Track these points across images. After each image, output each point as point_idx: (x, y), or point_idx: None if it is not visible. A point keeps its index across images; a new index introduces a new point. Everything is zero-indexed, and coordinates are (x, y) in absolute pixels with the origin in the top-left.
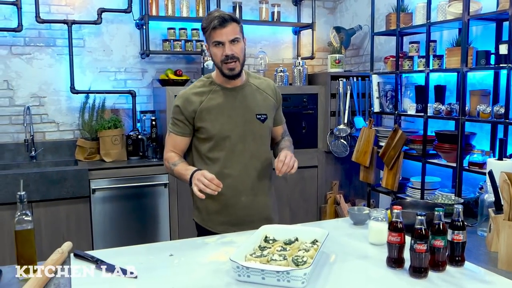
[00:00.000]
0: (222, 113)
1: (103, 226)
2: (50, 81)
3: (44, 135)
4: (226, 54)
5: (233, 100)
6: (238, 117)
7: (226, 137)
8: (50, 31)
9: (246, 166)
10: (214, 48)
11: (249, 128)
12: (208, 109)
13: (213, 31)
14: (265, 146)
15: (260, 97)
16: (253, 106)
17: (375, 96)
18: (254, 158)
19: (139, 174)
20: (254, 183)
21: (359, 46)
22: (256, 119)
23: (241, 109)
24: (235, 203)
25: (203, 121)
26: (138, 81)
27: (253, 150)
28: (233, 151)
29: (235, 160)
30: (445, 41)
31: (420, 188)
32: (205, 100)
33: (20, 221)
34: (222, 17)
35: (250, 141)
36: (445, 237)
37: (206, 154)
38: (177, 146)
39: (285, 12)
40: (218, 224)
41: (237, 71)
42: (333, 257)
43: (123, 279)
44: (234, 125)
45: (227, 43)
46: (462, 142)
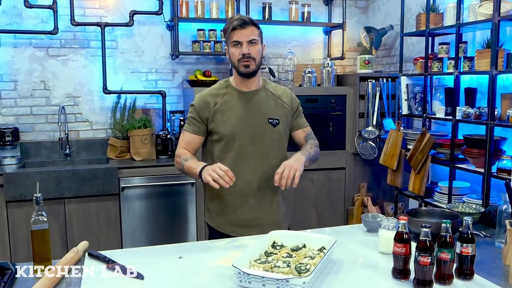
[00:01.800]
0: (234, 114)
1: (132, 223)
2: (84, 82)
3: (78, 134)
4: (243, 53)
5: (247, 103)
6: (249, 119)
7: (236, 138)
8: (84, 33)
9: (255, 168)
10: (232, 48)
11: (260, 131)
12: (221, 110)
13: (232, 31)
14: (275, 150)
15: (274, 102)
16: (265, 110)
17: (404, 98)
18: (263, 161)
19: (167, 173)
20: (262, 186)
21: (390, 46)
22: (267, 123)
23: (253, 112)
24: (243, 205)
25: (215, 122)
26: (168, 82)
27: (263, 153)
28: (243, 153)
29: (244, 162)
30: (477, 42)
31: (448, 194)
32: (219, 102)
33: (36, 221)
34: (242, 19)
35: (260, 144)
36: (451, 249)
37: (217, 156)
38: (190, 144)
39: (316, 12)
40: (227, 225)
41: (252, 69)
42: (339, 265)
43: (130, 280)
44: (245, 127)
45: (245, 43)
46: (490, 147)
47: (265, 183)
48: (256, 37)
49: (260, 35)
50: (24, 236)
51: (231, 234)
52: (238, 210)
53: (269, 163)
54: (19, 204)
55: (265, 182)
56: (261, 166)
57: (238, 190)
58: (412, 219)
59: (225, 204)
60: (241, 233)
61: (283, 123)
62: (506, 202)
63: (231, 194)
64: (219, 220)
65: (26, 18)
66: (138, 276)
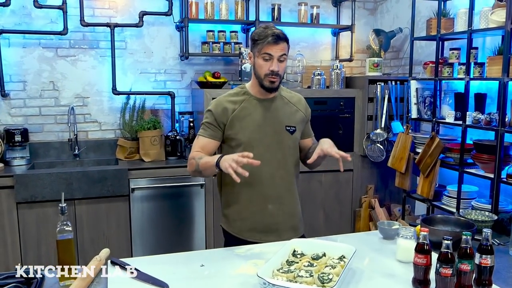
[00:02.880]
0: (252, 122)
1: (141, 224)
2: (93, 82)
3: (87, 134)
4: (272, 69)
5: (265, 110)
6: (267, 127)
7: (254, 145)
8: (93, 34)
9: (273, 175)
10: (261, 60)
11: (278, 138)
12: (239, 117)
13: (267, 44)
14: (292, 157)
15: (290, 110)
16: (283, 118)
17: (413, 102)
18: (281, 168)
19: (176, 174)
20: (280, 192)
21: (399, 49)
22: (285, 130)
23: (271, 120)
24: (262, 211)
25: (233, 129)
26: (177, 82)
27: (280, 160)
28: (261, 160)
29: (263, 169)
30: (487, 48)
31: (456, 198)
32: (237, 109)
33: (61, 231)
34: (278, 35)
35: (277, 151)
36: (472, 261)
37: None
38: (204, 148)
39: (325, 13)
40: (245, 230)
41: (276, 85)
42: (359, 274)
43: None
44: (264, 134)
45: (275, 59)
46: (501, 153)
47: (283, 189)
48: (286, 53)
49: (288, 51)
50: (34, 237)
51: (249, 239)
52: (257, 216)
53: (286, 169)
54: (30, 205)
55: (283, 188)
56: (278, 172)
57: (257, 197)
58: (433, 229)
59: (243, 210)
60: (259, 238)
61: (299, 130)
62: None
63: (250, 200)
64: (236, 226)
65: (35, 18)
66: (162, 284)
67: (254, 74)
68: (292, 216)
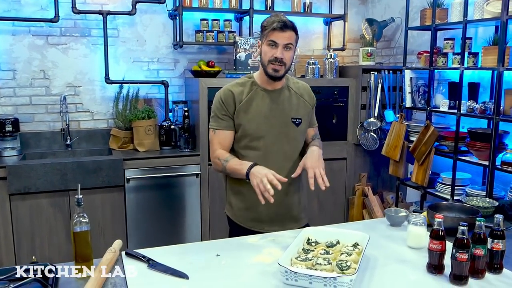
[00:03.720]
0: (259, 113)
1: (137, 215)
2: (85, 71)
3: (79, 124)
4: (276, 56)
5: (271, 102)
6: (274, 119)
7: (260, 137)
8: (85, 22)
9: (278, 167)
10: (267, 46)
11: (284, 130)
12: (246, 108)
13: (272, 31)
14: (297, 149)
15: (297, 101)
16: (289, 109)
17: (407, 91)
18: (286, 160)
19: (172, 164)
20: (285, 183)
21: (390, 38)
22: (291, 122)
23: (278, 112)
24: (266, 202)
25: (239, 119)
26: (170, 71)
27: (286, 151)
28: (267, 152)
29: (269, 160)
30: (480, 38)
31: (451, 185)
32: (244, 100)
33: (78, 223)
34: (284, 22)
35: (284, 143)
36: (485, 246)
37: (240, 152)
38: (224, 142)
39: (317, 2)
40: (249, 220)
41: (280, 74)
42: (373, 261)
43: (176, 280)
44: (270, 126)
45: (280, 46)
46: (495, 141)
47: (288, 181)
48: (292, 42)
49: (296, 40)
50: (28, 229)
51: (253, 229)
52: (261, 206)
53: (292, 161)
54: (23, 196)
55: (288, 180)
56: (284, 164)
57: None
58: (447, 217)
59: (248, 200)
60: (262, 228)
61: (305, 122)
62: None
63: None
64: (240, 215)
65: (25, 5)
66: (182, 275)
67: (260, 62)
68: (296, 207)
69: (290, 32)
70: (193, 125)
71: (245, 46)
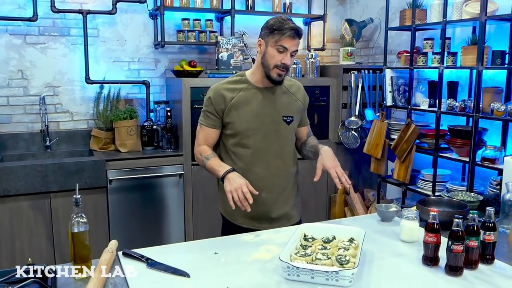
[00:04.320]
0: (250, 111)
1: (120, 216)
2: (64, 71)
3: (58, 125)
4: (284, 62)
5: (263, 100)
6: (265, 116)
7: (251, 134)
8: (64, 21)
9: (268, 164)
10: (275, 50)
11: (275, 128)
12: (237, 106)
13: (286, 37)
14: (288, 147)
15: (289, 99)
16: (281, 107)
17: (388, 90)
18: (277, 158)
19: (154, 164)
20: (275, 181)
21: (369, 39)
22: (282, 120)
23: (269, 109)
24: (256, 199)
25: (230, 117)
26: (151, 71)
27: (276, 149)
28: (258, 149)
29: (259, 158)
30: (457, 37)
31: (432, 181)
32: (235, 97)
33: (76, 223)
34: (298, 31)
35: (274, 141)
36: (478, 237)
37: (231, 149)
38: (208, 138)
39: (297, 3)
40: (239, 216)
41: (282, 78)
42: (370, 255)
43: (177, 278)
44: (261, 124)
45: (289, 53)
46: (475, 137)
47: (278, 179)
48: (297, 50)
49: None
50: (7, 232)
51: (243, 225)
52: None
53: (282, 159)
54: (2, 199)
55: (278, 178)
56: (274, 162)
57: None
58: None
59: None
60: (252, 225)
61: (296, 120)
62: (510, 191)
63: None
64: (232, 212)
65: (2, 4)
66: (183, 273)
67: (262, 63)
68: (286, 205)
69: (298, 40)
70: (175, 125)
71: (227, 46)
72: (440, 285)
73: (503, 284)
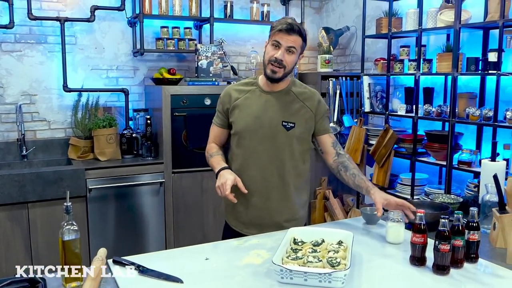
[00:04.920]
0: (251, 113)
1: (100, 225)
2: (41, 79)
3: (35, 134)
4: (276, 57)
5: (265, 103)
6: (264, 120)
7: (247, 136)
8: (41, 28)
9: (262, 169)
10: (270, 46)
11: (272, 132)
12: (240, 106)
13: (277, 32)
14: (285, 154)
15: (295, 105)
16: (282, 112)
17: (366, 97)
18: (272, 163)
19: (135, 172)
20: (268, 187)
21: (345, 46)
22: (281, 125)
23: (270, 113)
24: (245, 203)
25: (232, 117)
26: (130, 79)
27: (272, 154)
28: (253, 151)
29: (253, 161)
30: (432, 45)
31: (410, 185)
32: (241, 98)
33: (67, 232)
34: (291, 25)
35: (270, 145)
36: (463, 237)
37: (233, 150)
38: (217, 137)
39: (274, 11)
40: (231, 219)
41: (277, 76)
42: (359, 257)
43: (171, 285)
44: (259, 126)
45: (283, 48)
46: (452, 142)
47: (270, 184)
48: (296, 47)
49: (301, 47)
50: None
51: (235, 228)
52: (240, 207)
53: (276, 165)
54: None
55: (270, 183)
56: (268, 167)
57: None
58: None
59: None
60: (241, 229)
61: (301, 127)
62: (490, 192)
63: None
64: (227, 213)
65: None
66: (176, 279)
67: (262, 62)
68: (278, 213)
69: (296, 36)
70: (155, 133)
71: (207, 53)
72: (428, 284)
73: (489, 281)
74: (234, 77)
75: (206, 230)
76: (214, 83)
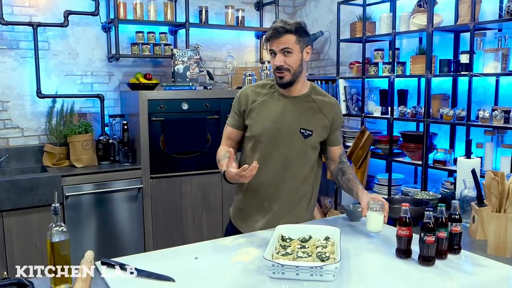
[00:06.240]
0: (268, 117)
1: (77, 233)
2: (13, 85)
3: (8, 141)
4: (275, 64)
5: (284, 108)
6: (282, 125)
7: (262, 140)
8: (12, 33)
9: (276, 174)
10: (270, 56)
11: (289, 138)
12: (257, 109)
13: (267, 41)
14: (300, 162)
15: (313, 113)
16: (301, 119)
17: (342, 99)
18: (286, 169)
19: (112, 179)
20: (279, 192)
21: (319, 51)
22: (299, 132)
23: (288, 119)
24: (257, 206)
25: (249, 120)
26: (105, 85)
27: (287, 160)
28: (268, 157)
29: (267, 166)
30: (405, 48)
31: (387, 185)
32: (258, 101)
33: (56, 233)
34: (275, 28)
35: (286, 151)
36: (447, 229)
37: (247, 153)
38: (229, 137)
39: (248, 16)
40: (240, 221)
41: (286, 80)
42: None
43: (163, 284)
44: (276, 131)
45: (278, 54)
46: (427, 141)
47: (282, 190)
48: (290, 46)
49: (297, 42)
50: None
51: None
52: (251, 209)
53: (290, 171)
54: None
55: (283, 189)
56: (282, 173)
57: (256, 192)
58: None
59: (242, 201)
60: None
61: (317, 136)
62: (468, 187)
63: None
64: (234, 212)
65: None
66: (168, 278)
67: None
68: (287, 218)
69: (285, 36)
70: (132, 138)
71: (183, 58)
72: (415, 275)
73: (472, 271)
74: (210, 82)
75: (185, 235)
76: (191, 87)
